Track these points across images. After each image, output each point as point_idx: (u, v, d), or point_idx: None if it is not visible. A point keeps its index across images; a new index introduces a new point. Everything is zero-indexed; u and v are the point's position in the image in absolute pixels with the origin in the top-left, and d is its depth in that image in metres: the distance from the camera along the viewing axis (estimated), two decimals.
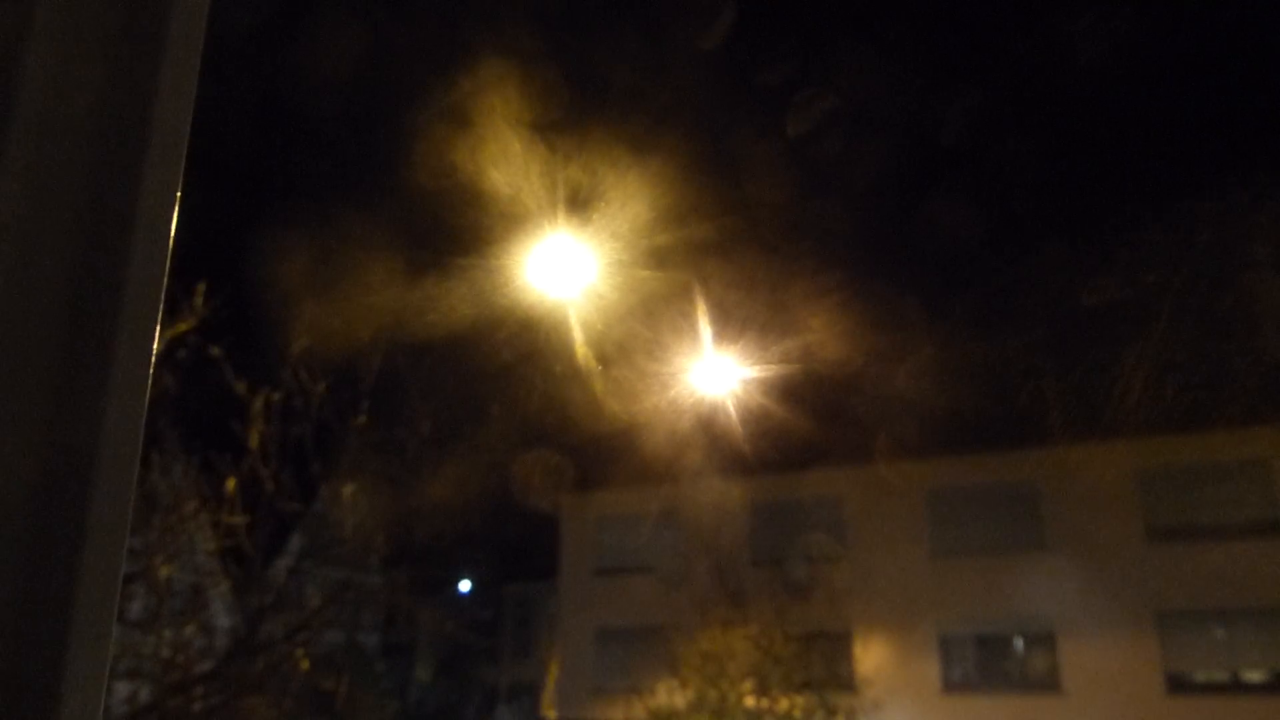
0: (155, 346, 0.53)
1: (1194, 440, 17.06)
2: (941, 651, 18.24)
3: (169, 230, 0.55)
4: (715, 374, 15.87)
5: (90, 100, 0.58)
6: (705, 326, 15.01)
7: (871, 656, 18.10)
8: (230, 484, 7.55)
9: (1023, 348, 20.39)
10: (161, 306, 0.52)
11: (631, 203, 10.51)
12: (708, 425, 17.72)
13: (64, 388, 0.50)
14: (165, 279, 0.53)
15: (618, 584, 21.31)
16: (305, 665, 8.45)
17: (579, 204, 10.01)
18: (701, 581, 18.17)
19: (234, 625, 8.80)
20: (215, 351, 7.47)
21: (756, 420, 18.15)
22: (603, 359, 13.87)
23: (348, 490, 8.81)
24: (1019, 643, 18.20)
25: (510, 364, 11.72)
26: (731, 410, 17.26)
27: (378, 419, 8.54)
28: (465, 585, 35.89)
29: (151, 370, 0.54)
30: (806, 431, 18.64)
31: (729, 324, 15.70)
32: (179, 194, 0.57)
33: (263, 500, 7.77)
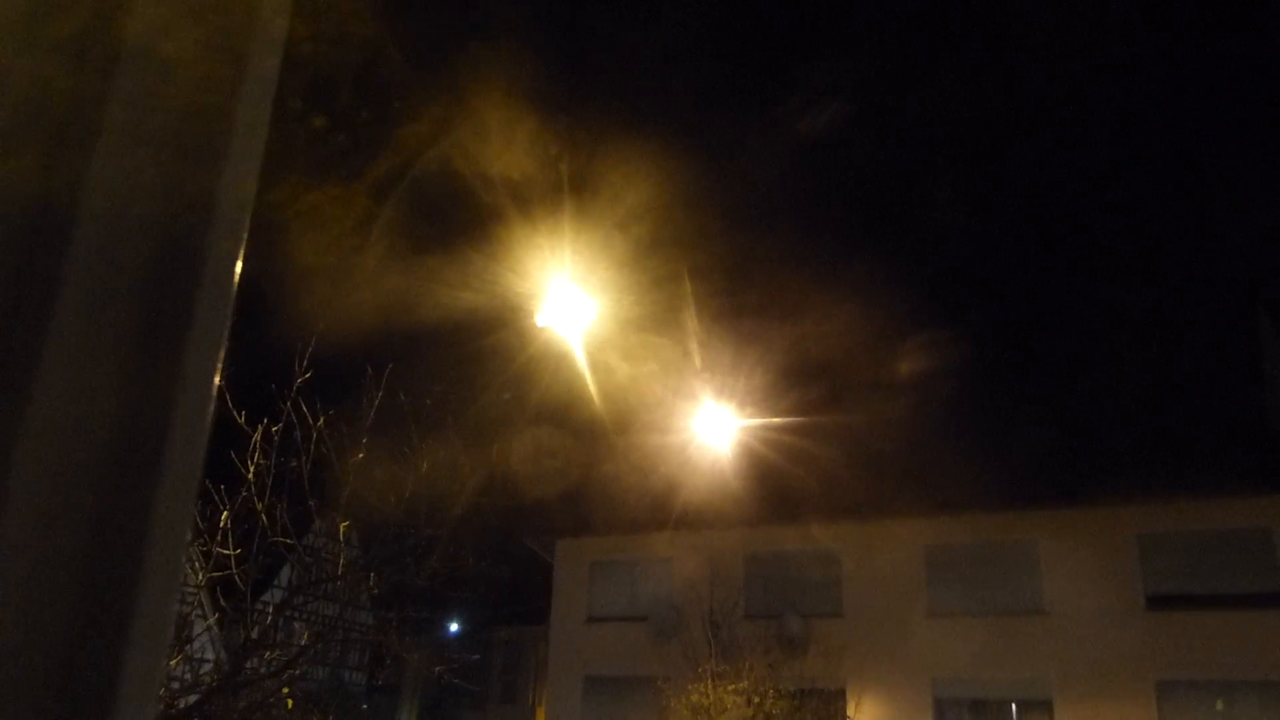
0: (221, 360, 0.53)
1: (1196, 507, 16.97)
2: (936, 714, 17.92)
3: (240, 244, 0.57)
4: (714, 423, 15.83)
5: (170, 120, 0.67)
6: (705, 374, 15.00)
7: (865, 716, 17.78)
8: (224, 516, 7.47)
9: (1025, 408, 20.36)
10: (231, 312, 0.53)
11: (633, 250, 10.56)
12: (705, 474, 17.64)
13: (135, 384, 0.51)
14: (236, 285, 0.53)
15: (608, 632, 21.02)
16: (290, 703, 8.30)
17: (581, 247, 10.06)
18: (693, 633, 17.92)
19: (220, 659, 8.65)
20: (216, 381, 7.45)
21: (755, 471, 18.07)
22: (602, 404, 13.84)
23: (342, 526, 8.73)
24: (1015, 708, 17.89)
25: (509, 407, 11.68)
26: (729, 460, 17.19)
27: (375, 455, 8.48)
28: (454, 627, 35.40)
29: (220, 364, 0.55)
30: (805, 484, 18.54)
31: (730, 372, 15.69)
32: (250, 214, 0.59)
33: (256, 533, 7.69)
